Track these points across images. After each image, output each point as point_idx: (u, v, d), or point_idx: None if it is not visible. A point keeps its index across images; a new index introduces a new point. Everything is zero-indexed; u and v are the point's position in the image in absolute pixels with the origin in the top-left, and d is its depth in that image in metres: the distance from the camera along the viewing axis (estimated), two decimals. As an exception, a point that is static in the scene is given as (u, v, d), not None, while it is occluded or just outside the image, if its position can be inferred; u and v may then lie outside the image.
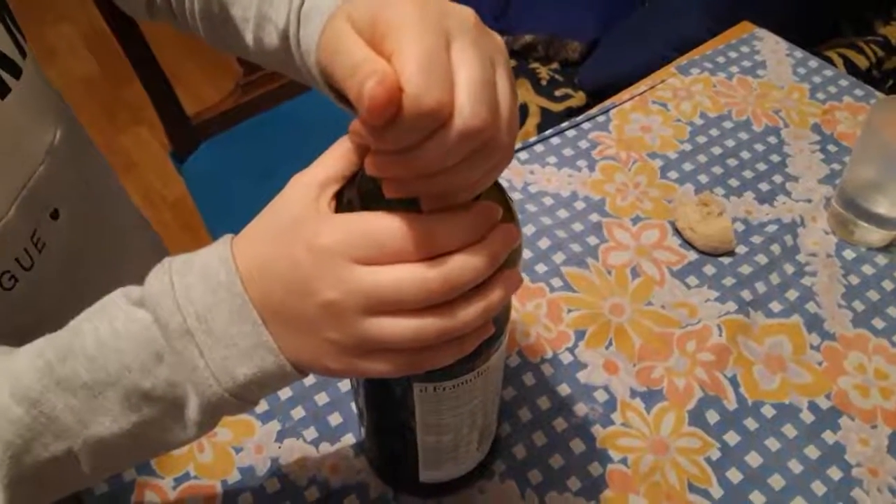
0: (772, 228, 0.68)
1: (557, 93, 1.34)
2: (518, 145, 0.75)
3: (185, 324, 0.32)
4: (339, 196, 0.33)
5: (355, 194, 0.33)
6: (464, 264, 0.30)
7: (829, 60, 1.23)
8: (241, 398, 0.34)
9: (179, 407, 0.34)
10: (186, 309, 0.32)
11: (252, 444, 0.54)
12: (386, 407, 0.43)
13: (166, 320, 0.32)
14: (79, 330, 0.34)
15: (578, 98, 1.33)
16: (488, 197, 0.34)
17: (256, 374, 0.33)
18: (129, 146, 1.92)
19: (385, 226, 0.30)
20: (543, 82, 1.35)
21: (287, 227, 0.32)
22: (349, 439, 0.54)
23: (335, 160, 0.33)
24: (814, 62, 0.83)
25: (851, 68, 1.24)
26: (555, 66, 1.38)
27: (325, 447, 0.54)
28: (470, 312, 0.30)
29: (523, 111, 1.31)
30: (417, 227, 0.30)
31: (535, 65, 1.38)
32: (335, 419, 0.55)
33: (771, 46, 0.85)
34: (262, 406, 0.56)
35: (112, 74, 2.09)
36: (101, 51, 2.17)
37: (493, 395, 0.44)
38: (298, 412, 0.56)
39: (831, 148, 0.75)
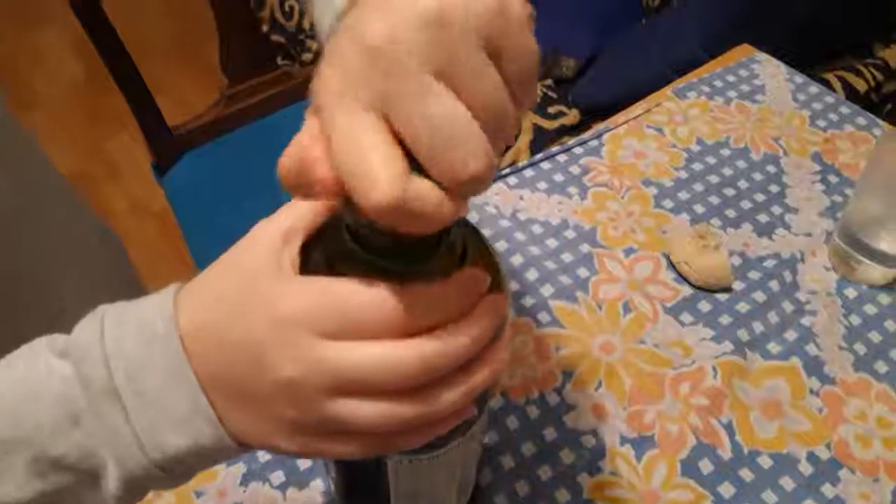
0: (770, 263, 0.65)
1: (551, 110, 1.31)
2: (507, 170, 0.72)
3: (112, 381, 0.28)
4: (305, 251, 0.29)
5: (322, 253, 0.29)
6: (446, 345, 0.26)
7: (827, 83, 1.21)
8: (170, 472, 0.29)
9: (95, 478, 0.29)
10: (115, 364, 0.28)
11: (214, 489, 0.50)
12: (356, 475, 0.39)
13: (90, 376, 0.28)
14: None
15: (572, 116, 1.30)
16: (474, 255, 0.30)
17: (190, 447, 0.28)
18: (114, 153, 1.89)
19: (356, 296, 0.26)
20: (537, 99, 1.32)
21: (243, 286, 0.28)
22: (318, 485, 0.51)
23: (305, 207, 0.29)
24: (814, 88, 0.81)
25: (850, 91, 1.22)
26: (549, 82, 1.36)
27: (293, 493, 0.51)
28: (450, 397, 0.27)
29: (515, 128, 1.28)
30: (394, 299, 0.26)
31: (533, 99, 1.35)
32: (304, 462, 0.52)
33: (770, 71, 0.83)
34: (227, 447, 0.52)
35: (98, 80, 2.05)
36: (87, 55, 2.13)
37: (474, 453, 0.40)
38: (265, 454, 0.52)
39: (832, 178, 0.72)
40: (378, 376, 0.26)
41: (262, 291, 0.27)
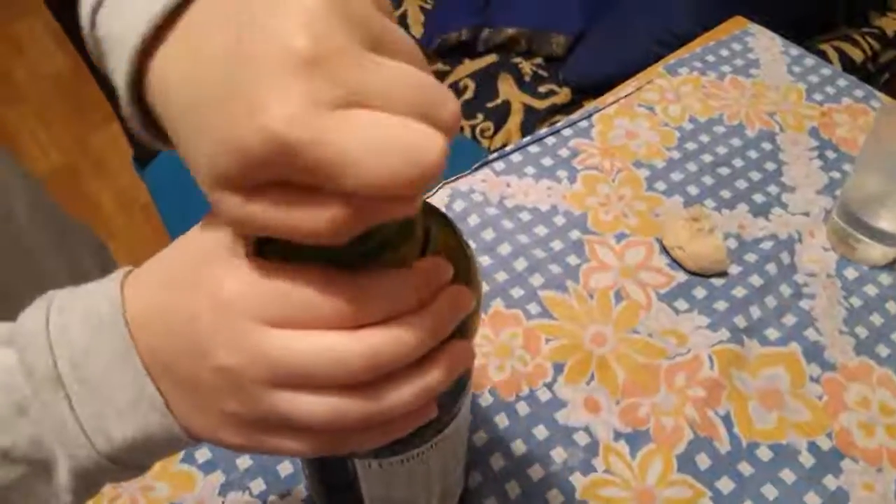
0: (767, 245, 0.62)
1: (541, 89, 1.28)
2: (493, 154, 0.69)
3: (56, 369, 0.26)
4: (261, 239, 0.27)
5: (278, 241, 0.27)
6: (395, 339, 0.24)
7: (823, 53, 1.18)
8: (121, 463, 0.28)
9: (47, 470, 0.28)
10: (59, 351, 0.26)
11: (192, 499, 0.49)
12: (327, 477, 0.37)
13: (34, 364, 0.26)
14: None
15: (563, 95, 1.27)
16: (437, 245, 0.28)
17: (137, 437, 0.27)
18: (101, 145, 1.85)
19: (303, 283, 0.24)
20: (527, 78, 1.29)
21: (190, 268, 0.26)
22: (300, 492, 0.49)
23: None
24: (810, 60, 0.78)
25: (846, 61, 1.19)
26: (538, 60, 1.32)
27: (274, 501, 0.49)
28: (401, 395, 0.24)
29: (506, 108, 1.25)
30: (343, 287, 0.24)
31: (517, 59, 1.32)
32: (285, 469, 0.50)
33: (765, 44, 0.80)
34: (205, 455, 0.50)
35: (83, 70, 2.01)
36: (71, 46, 2.09)
37: (454, 458, 0.38)
38: (244, 462, 0.50)
39: (830, 154, 0.69)
40: (320, 369, 0.23)
41: (207, 276, 0.25)
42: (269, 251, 0.26)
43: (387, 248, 0.25)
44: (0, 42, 2.11)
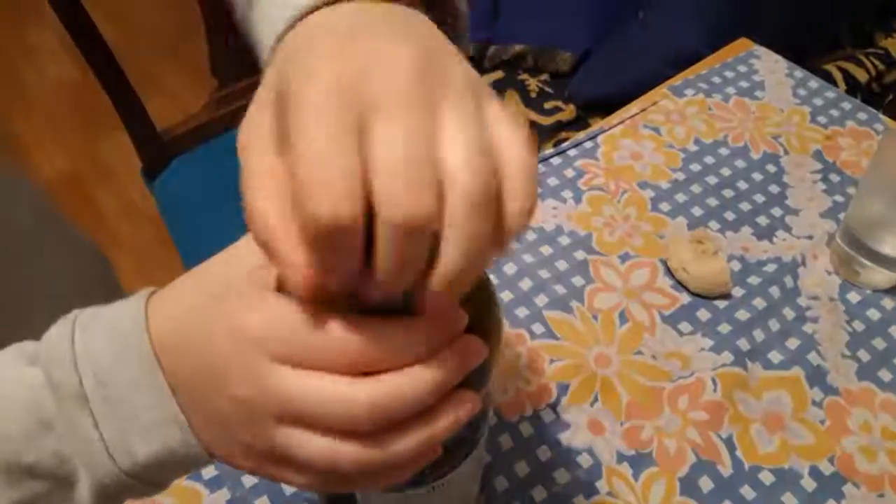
0: (771, 268, 0.63)
1: (547, 105, 1.29)
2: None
3: (81, 387, 0.27)
4: None
5: None
6: (400, 389, 0.24)
7: (828, 73, 1.19)
8: (142, 480, 0.28)
9: (69, 486, 0.28)
10: (84, 369, 0.27)
11: (198, 516, 0.49)
12: (331, 496, 0.38)
13: (60, 381, 0.27)
14: None
15: (569, 112, 1.28)
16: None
17: (160, 453, 0.27)
18: (110, 154, 1.87)
19: (315, 324, 0.24)
20: (533, 94, 1.30)
21: (216, 293, 0.27)
22: (306, 510, 0.49)
23: None
24: (815, 83, 0.79)
25: (851, 82, 1.19)
26: (544, 77, 1.33)
27: (280, 519, 0.49)
28: (403, 444, 0.25)
29: (511, 125, 1.26)
30: (355, 333, 0.24)
31: (524, 76, 1.33)
32: (289, 487, 0.50)
33: (770, 66, 0.80)
34: (211, 472, 0.51)
35: (92, 79, 2.03)
36: (81, 56, 2.11)
37: (462, 497, 0.38)
38: (250, 479, 0.50)
39: (834, 177, 0.70)
40: (325, 413, 0.24)
41: (231, 302, 0.26)
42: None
43: (410, 296, 0.26)
44: (10, 50, 2.13)
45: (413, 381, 0.24)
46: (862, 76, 1.22)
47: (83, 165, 1.82)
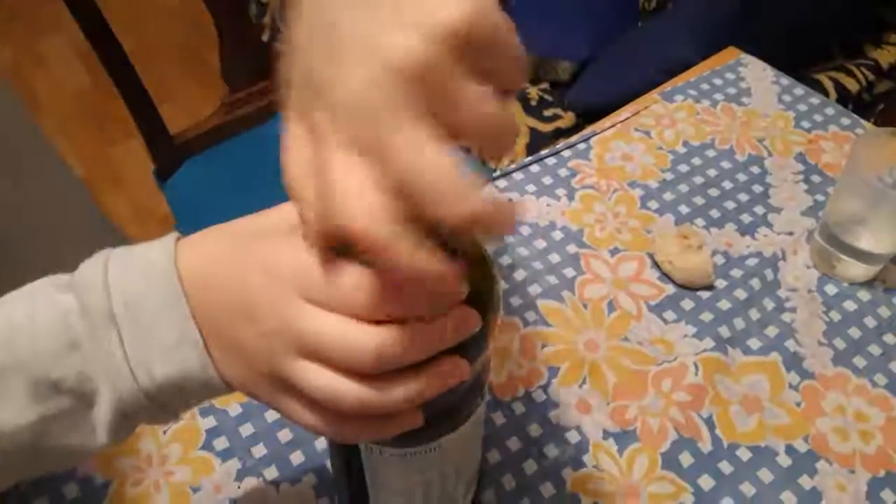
0: (752, 262, 0.66)
1: (547, 113, 1.33)
2: (497, 173, 0.74)
3: (111, 309, 0.30)
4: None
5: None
6: (401, 340, 0.28)
7: (820, 83, 1.22)
8: (158, 401, 0.31)
9: (90, 403, 0.31)
10: (115, 293, 0.30)
11: (210, 484, 0.52)
12: (339, 449, 0.41)
13: (91, 304, 0.30)
14: None
15: (568, 119, 1.32)
16: (470, 269, 0.31)
17: (176, 374, 0.31)
18: (120, 159, 1.91)
19: (343, 273, 0.28)
20: (533, 102, 1.34)
21: (250, 238, 0.30)
22: (311, 479, 0.53)
23: None
24: (800, 90, 0.82)
25: (842, 91, 1.23)
26: (545, 86, 1.37)
27: (286, 488, 0.52)
28: (398, 392, 0.28)
29: (512, 131, 1.30)
30: (373, 287, 0.28)
31: (524, 85, 1.37)
32: (297, 458, 0.54)
33: (757, 73, 0.84)
34: (223, 443, 0.54)
35: (104, 86, 2.08)
36: (93, 62, 2.16)
37: (455, 470, 0.41)
38: (259, 450, 0.54)
39: (815, 178, 0.73)
40: (336, 349, 0.28)
41: (266, 243, 0.30)
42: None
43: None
44: (24, 58, 2.18)
45: (414, 334, 0.28)
46: (853, 86, 1.25)
47: (94, 171, 1.87)
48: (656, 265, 0.66)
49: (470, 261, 0.32)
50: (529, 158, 0.75)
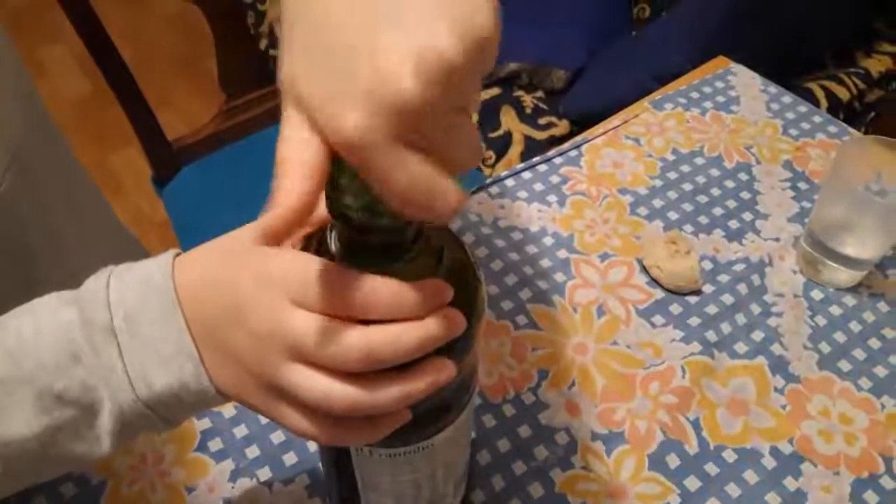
0: (739, 267, 0.67)
1: (541, 121, 1.34)
2: (489, 179, 0.75)
3: (112, 322, 0.32)
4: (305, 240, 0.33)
5: (316, 239, 0.33)
6: (389, 340, 0.29)
7: (811, 92, 1.24)
8: (157, 412, 0.33)
9: (93, 413, 0.33)
10: (116, 308, 0.32)
11: (205, 484, 0.53)
12: (329, 451, 0.42)
13: (92, 318, 0.32)
14: (3, 325, 0.33)
15: (562, 126, 1.33)
16: (448, 272, 0.32)
17: (174, 385, 0.32)
18: (119, 167, 1.93)
19: (325, 277, 0.29)
20: (528, 110, 1.35)
21: (240, 250, 0.32)
22: (303, 479, 0.54)
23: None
24: (788, 98, 0.84)
25: (833, 100, 1.25)
26: (539, 94, 1.39)
27: (279, 488, 0.53)
28: (387, 393, 0.29)
29: (507, 139, 1.31)
30: (357, 289, 0.29)
31: (519, 93, 1.39)
32: (290, 459, 0.55)
33: (745, 82, 0.85)
34: (217, 445, 0.55)
35: (103, 95, 2.09)
36: (93, 71, 2.18)
37: (446, 471, 0.42)
38: (253, 451, 0.55)
39: (802, 185, 0.74)
40: (324, 351, 0.29)
41: (254, 255, 0.31)
42: (306, 246, 0.33)
43: (400, 262, 0.31)
44: (25, 66, 2.20)
45: (401, 334, 0.29)
46: (844, 95, 1.27)
47: (93, 177, 1.87)
48: (645, 270, 0.67)
49: (455, 265, 0.33)
50: (521, 165, 0.76)
